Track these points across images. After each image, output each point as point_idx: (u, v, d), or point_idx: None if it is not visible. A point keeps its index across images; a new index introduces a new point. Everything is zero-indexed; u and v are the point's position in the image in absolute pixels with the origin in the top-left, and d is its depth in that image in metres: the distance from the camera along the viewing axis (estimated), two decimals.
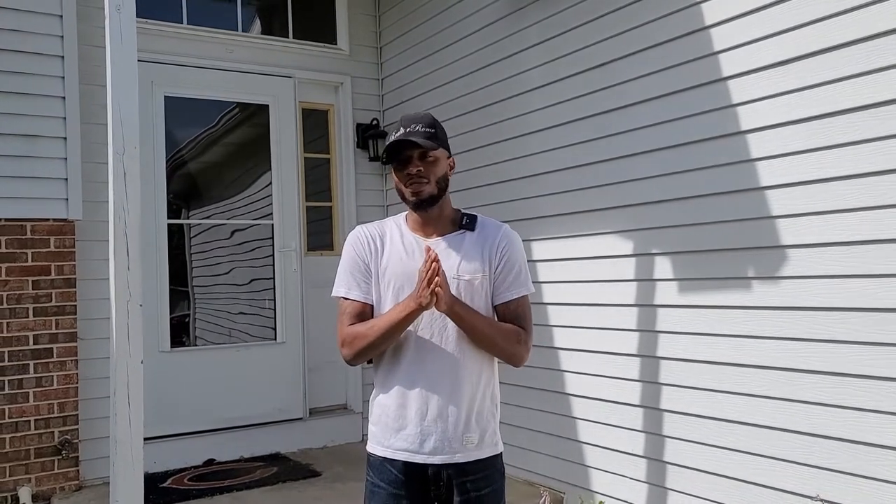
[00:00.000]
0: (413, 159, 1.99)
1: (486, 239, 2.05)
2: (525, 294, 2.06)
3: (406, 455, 1.97)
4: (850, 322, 2.59)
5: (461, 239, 2.05)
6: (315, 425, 5.05)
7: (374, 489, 2.01)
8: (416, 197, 1.99)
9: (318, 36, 5.36)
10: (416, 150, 1.98)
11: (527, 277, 2.08)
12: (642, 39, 3.33)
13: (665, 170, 3.25)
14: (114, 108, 2.63)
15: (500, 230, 2.09)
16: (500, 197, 4.23)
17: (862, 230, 2.55)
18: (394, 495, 1.97)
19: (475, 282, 2.00)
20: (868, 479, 2.53)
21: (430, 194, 1.99)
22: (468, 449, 1.99)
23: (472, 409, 2.00)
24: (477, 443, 2.00)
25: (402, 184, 2.01)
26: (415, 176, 1.98)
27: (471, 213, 2.11)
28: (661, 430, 3.30)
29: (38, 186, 4.12)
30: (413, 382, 1.97)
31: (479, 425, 2.01)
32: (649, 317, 3.36)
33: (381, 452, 2.00)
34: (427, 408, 1.96)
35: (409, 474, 1.97)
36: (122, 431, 2.57)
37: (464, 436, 1.98)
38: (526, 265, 2.09)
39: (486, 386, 2.05)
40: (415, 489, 1.98)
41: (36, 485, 4.04)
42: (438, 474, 1.97)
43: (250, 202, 5.16)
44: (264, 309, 5.08)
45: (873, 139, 2.51)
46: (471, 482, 1.99)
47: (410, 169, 1.98)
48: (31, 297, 4.08)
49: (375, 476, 2.01)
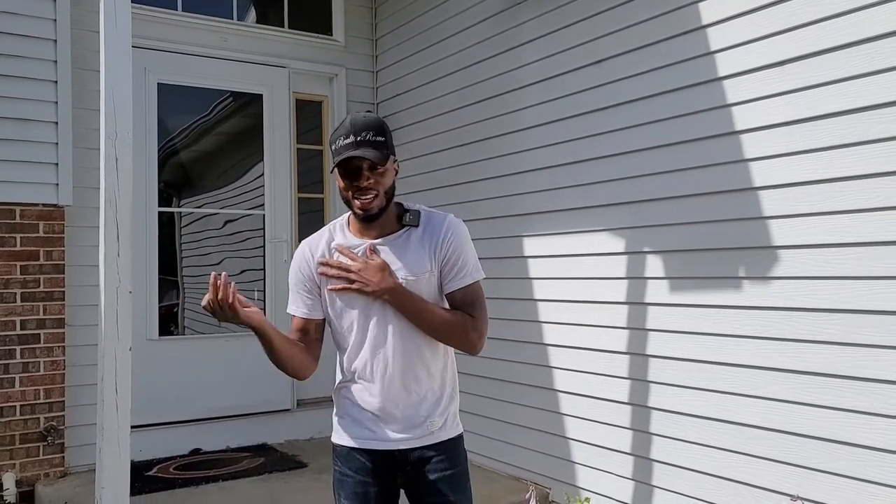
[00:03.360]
0: (363, 171, 1.95)
1: (429, 235, 2.04)
2: (473, 282, 2.06)
3: (372, 443, 2.04)
4: (839, 323, 2.61)
5: (405, 239, 2.04)
6: (302, 417, 5.05)
7: (343, 478, 2.08)
8: (364, 211, 1.97)
9: (313, 26, 5.33)
10: (364, 161, 1.94)
11: (475, 265, 2.08)
12: (637, 38, 3.34)
13: (659, 168, 3.25)
14: (107, 92, 2.60)
15: (445, 222, 2.06)
16: (494, 192, 4.23)
17: (853, 232, 2.57)
18: (361, 482, 2.05)
19: (421, 281, 2.01)
20: (850, 479, 2.56)
21: (380, 207, 1.98)
22: (432, 432, 2.05)
23: (434, 395, 2.06)
24: (440, 426, 2.06)
25: (350, 194, 1.98)
26: (364, 189, 1.95)
27: (414, 209, 2.07)
28: (648, 427, 3.31)
29: (28, 171, 4.09)
30: (373, 372, 2.03)
31: (441, 409, 2.07)
32: (639, 315, 3.37)
33: (346, 442, 2.07)
34: (390, 396, 2.02)
35: (376, 462, 2.04)
36: (109, 419, 2.55)
37: (427, 420, 2.04)
38: (473, 252, 2.08)
39: (444, 371, 2.10)
40: (382, 476, 2.05)
41: (20, 471, 4.02)
42: (405, 459, 2.04)
43: (242, 192, 5.14)
44: (254, 299, 5.06)
45: (866, 141, 2.52)
46: (437, 464, 2.05)
47: (360, 182, 1.95)
48: (19, 282, 4.06)
49: (343, 465, 2.08)
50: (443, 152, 4.63)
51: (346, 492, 2.06)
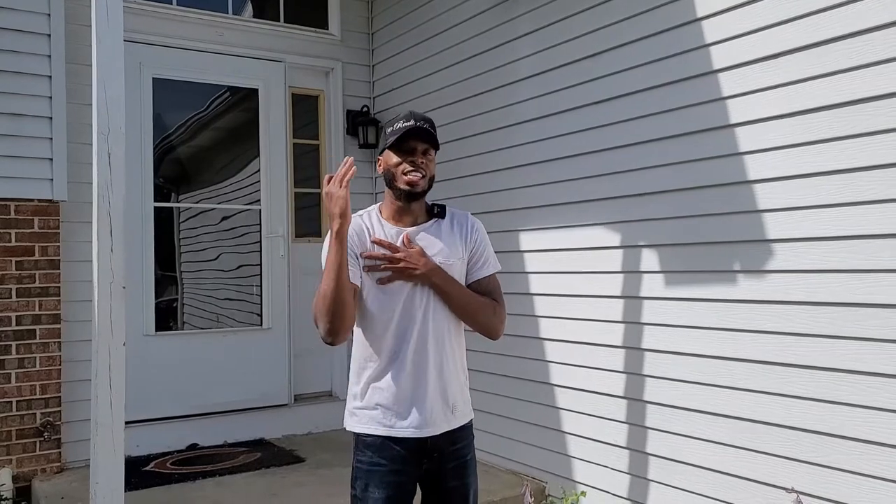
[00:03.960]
0: (418, 151, 2.12)
1: (457, 226, 2.23)
2: (494, 272, 2.26)
3: (410, 432, 2.09)
4: (834, 317, 2.61)
5: (437, 227, 2.20)
6: (300, 412, 5.05)
7: (373, 468, 2.10)
8: (410, 187, 2.10)
9: (309, 21, 5.32)
10: (421, 144, 2.12)
11: (495, 258, 2.28)
12: (633, 31, 3.33)
13: (653, 162, 3.25)
14: (99, 87, 2.59)
15: (468, 217, 2.28)
16: (489, 186, 4.23)
17: (848, 225, 2.56)
18: (394, 471, 2.10)
19: (455, 266, 2.17)
20: (846, 473, 2.56)
21: (423, 189, 2.13)
22: (455, 417, 2.17)
23: (457, 381, 2.18)
24: (461, 409, 2.19)
25: (401, 169, 2.11)
26: (419, 165, 2.11)
27: (438, 203, 2.25)
28: (644, 421, 3.31)
29: (22, 166, 4.08)
30: (405, 363, 2.10)
31: (461, 394, 2.20)
32: (635, 308, 3.37)
33: (382, 432, 2.10)
34: (424, 382, 2.10)
35: (411, 450, 2.10)
36: (103, 414, 2.55)
37: (452, 404, 2.15)
38: (491, 247, 2.28)
39: (461, 358, 2.23)
40: (413, 464, 2.12)
41: (17, 466, 4.02)
42: (435, 445, 2.12)
43: (239, 187, 5.13)
44: (251, 295, 5.06)
45: (861, 135, 2.51)
46: (458, 449, 2.18)
47: (416, 157, 2.11)
48: (15, 277, 4.05)
49: (375, 455, 2.11)
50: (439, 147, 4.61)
51: (376, 481, 2.09)
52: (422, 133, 2.10)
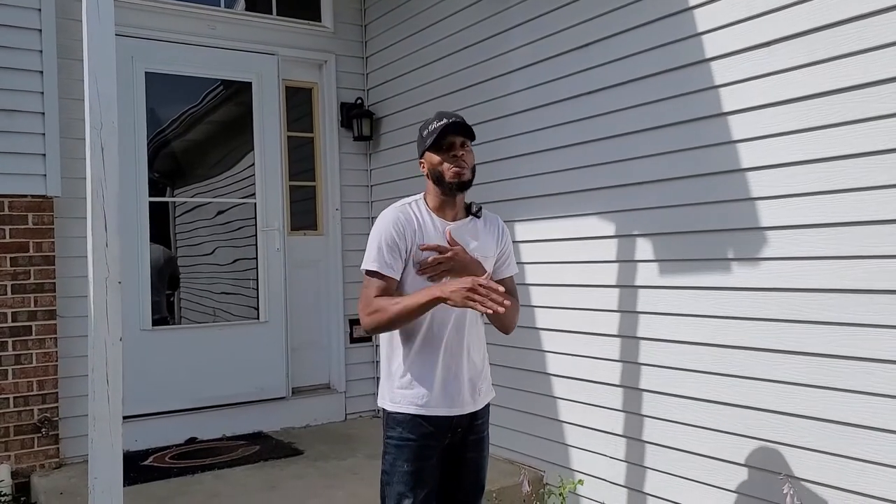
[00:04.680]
0: (457, 145, 2.29)
1: (490, 226, 2.45)
2: (516, 272, 2.55)
3: (442, 411, 2.27)
4: (826, 303, 2.62)
5: (475, 225, 2.41)
6: (298, 404, 5.06)
7: (403, 443, 2.27)
8: (458, 178, 2.27)
9: (301, 13, 5.30)
10: (459, 138, 2.28)
11: (514, 260, 2.55)
12: (626, 20, 3.32)
13: (647, 151, 3.25)
14: (90, 81, 2.58)
15: (498, 220, 2.51)
16: (484, 178, 4.16)
17: (840, 212, 2.57)
18: (424, 446, 2.27)
19: (488, 262, 2.38)
20: (841, 457, 2.57)
21: (468, 180, 2.31)
22: (481, 398, 2.38)
23: (483, 364, 2.41)
24: (485, 391, 2.41)
25: (446, 165, 2.26)
26: (461, 159, 2.27)
27: (476, 203, 2.45)
28: (640, 409, 3.33)
29: (15, 162, 4.07)
30: (440, 347, 2.27)
31: (485, 376, 2.42)
32: (630, 297, 3.38)
33: (413, 410, 2.26)
34: (456, 363, 2.29)
35: (439, 426, 2.28)
36: (101, 409, 2.55)
37: (477, 386, 2.35)
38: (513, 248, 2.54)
39: (484, 342, 2.45)
40: (440, 438, 2.29)
41: (15, 462, 4.03)
42: (460, 422, 2.32)
43: (234, 181, 5.12)
44: (247, 288, 5.06)
45: (853, 121, 2.52)
46: (478, 425, 2.39)
47: (458, 151, 2.27)
48: (9, 273, 4.05)
49: (405, 431, 2.27)
50: None
51: (406, 454, 2.25)
52: (457, 128, 2.26)
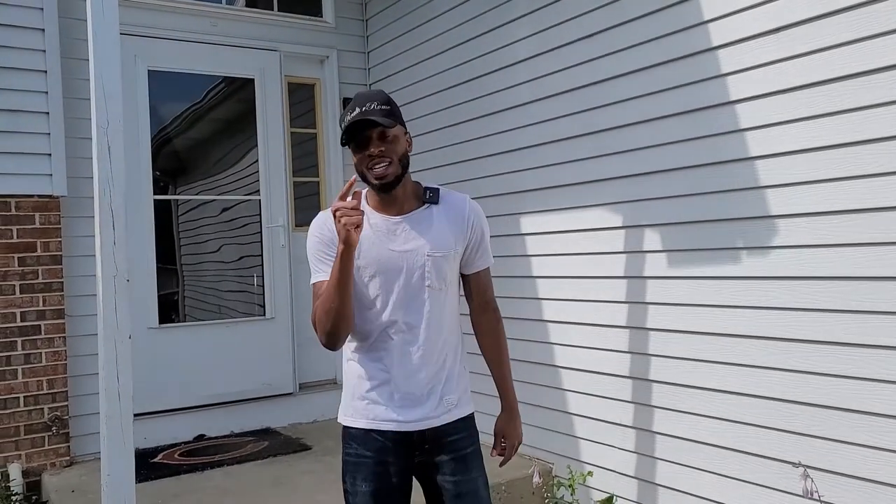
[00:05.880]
0: (373, 139, 1.97)
1: (452, 211, 2.09)
2: (488, 265, 2.21)
3: (392, 425, 2.03)
4: (837, 291, 2.61)
5: (428, 214, 2.07)
6: (305, 400, 5.07)
7: (360, 460, 2.05)
8: (380, 180, 1.98)
9: (303, 8, 5.29)
10: (374, 129, 1.96)
11: (489, 248, 2.20)
12: (630, 10, 3.31)
13: (653, 141, 3.24)
14: (96, 80, 2.59)
15: (466, 203, 2.12)
16: (487, 171, 4.22)
17: (852, 199, 2.56)
18: (381, 462, 2.04)
19: (448, 256, 2.06)
20: (852, 445, 2.57)
21: (395, 175, 1.99)
22: (448, 410, 2.08)
23: (450, 374, 2.10)
24: (456, 404, 2.10)
25: (364, 166, 1.99)
26: (377, 157, 1.96)
27: (432, 186, 2.12)
28: (649, 400, 3.33)
29: (21, 162, 4.08)
30: (390, 355, 2.03)
31: (456, 386, 2.11)
32: (638, 288, 3.38)
33: (364, 425, 2.05)
34: (407, 377, 2.03)
35: (396, 441, 2.04)
36: (112, 407, 2.56)
37: (443, 398, 2.07)
38: (489, 234, 2.19)
39: (457, 350, 2.14)
40: (401, 455, 2.05)
41: (26, 461, 4.04)
42: (423, 438, 2.05)
43: (237, 178, 5.12)
44: (253, 285, 5.07)
45: (864, 107, 2.50)
46: (454, 442, 2.08)
47: (371, 150, 1.96)
48: (18, 273, 4.06)
49: (360, 447, 2.05)
50: (436, 132, 4.60)
51: (364, 473, 2.04)
52: (367, 124, 1.94)
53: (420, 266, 2.02)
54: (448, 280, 2.07)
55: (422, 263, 2.02)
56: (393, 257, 2.01)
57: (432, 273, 2.02)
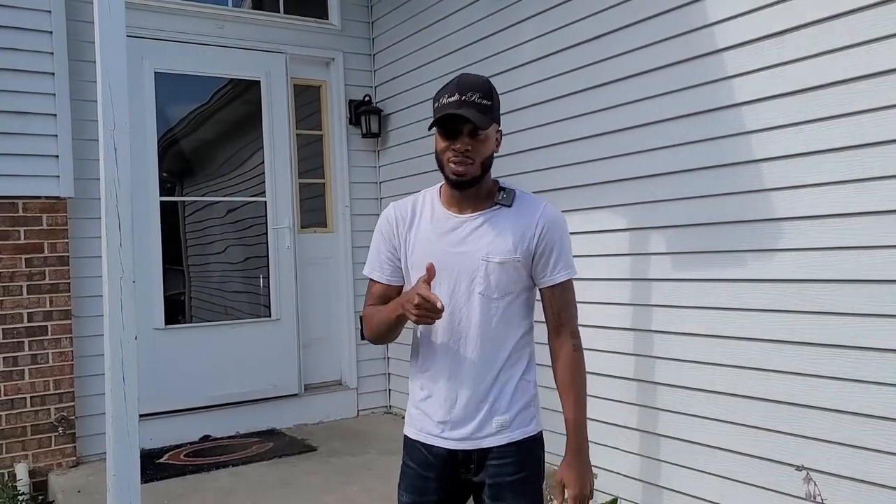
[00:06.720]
0: (462, 135, 1.81)
1: (522, 217, 1.92)
2: (567, 279, 2.00)
3: (434, 439, 1.93)
4: (841, 294, 2.61)
5: (496, 216, 1.91)
6: (310, 401, 5.08)
7: (406, 469, 2.00)
8: (457, 177, 1.84)
9: (309, 11, 5.30)
10: (467, 125, 1.80)
11: (569, 259, 1.99)
12: (636, 12, 3.31)
13: (659, 143, 3.24)
14: (103, 82, 2.60)
15: (539, 209, 1.94)
16: (494, 172, 4.20)
17: (855, 202, 2.55)
18: (421, 476, 1.95)
19: (507, 264, 1.89)
20: (855, 448, 2.56)
21: (473, 176, 1.85)
22: (498, 432, 1.91)
23: (503, 392, 1.94)
24: (509, 425, 1.93)
25: (444, 156, 1.85)
26: (461, 154, 1.82)
27: (508, 187, 1.96)
28: (654, 402, 3.32)
29: (28, 164, 4.11)
30: (441, 368, 1.91)
31: (511, 406, 1.94)
32: (643, 291, 3.37)
33: (412, 434, 1.99)
34: (457, 393, 1.90)
35: (439, 457, 1.93)
36: (117, 408, 2.57)
37: (493, 419, 1.91)
38: (568, 246, 1.98)
39: (518, 367, 2.00)
40: (444, 471, 1.94)
41: (33, 461, 4.07)
42: (469, 458, 1.92)
43: (243, 179, 5.14)
44: (258, 286, 5.09)
45: (868, 110, 2.50)
46: (498, 467, 1.91)
47: (458, 146, 1.82)
48: (25, 274, 4.08)
49: (406, 456, 2.00)
50: None
51: (406, 483, 1.98)
52: (459, 116, 1.77)
53: (472, 271, 1.87)
54: (508, 290, 1.92)
55: (475, 268, 1.87)
56: (446, 258, 1.86)
57: (486, 280, 1.87)
